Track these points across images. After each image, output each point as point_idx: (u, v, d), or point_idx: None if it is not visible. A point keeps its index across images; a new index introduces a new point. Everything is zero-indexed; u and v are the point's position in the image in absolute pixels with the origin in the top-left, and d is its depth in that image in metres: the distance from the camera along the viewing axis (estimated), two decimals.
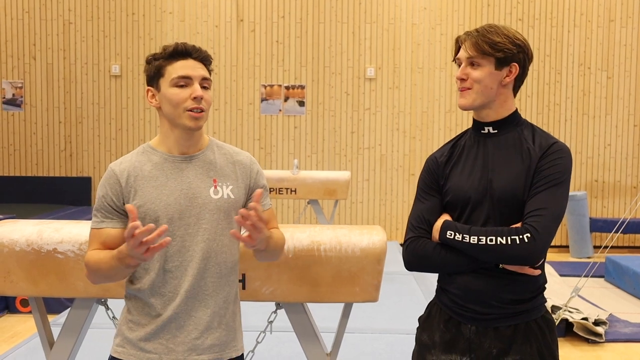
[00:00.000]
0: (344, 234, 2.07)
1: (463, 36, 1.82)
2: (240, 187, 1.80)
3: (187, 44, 1.76)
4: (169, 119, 1.75)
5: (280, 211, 7.86)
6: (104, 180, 1.76)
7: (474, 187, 1.79)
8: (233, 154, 1.85)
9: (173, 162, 1.76)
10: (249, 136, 7.87)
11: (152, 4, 7.79)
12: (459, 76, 1.80)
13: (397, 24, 7.77)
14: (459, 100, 1.83)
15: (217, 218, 1.76)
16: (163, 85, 1.74)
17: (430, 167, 1.91)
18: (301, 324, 2.16)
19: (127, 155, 1.81)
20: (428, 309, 1.94)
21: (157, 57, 1.75)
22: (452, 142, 1.93)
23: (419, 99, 7.81)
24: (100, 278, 1.75)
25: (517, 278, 1.77)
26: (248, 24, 7.81)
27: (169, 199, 1.72)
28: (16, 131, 7.94)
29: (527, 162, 1.77)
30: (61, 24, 7.81)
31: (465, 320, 1.80)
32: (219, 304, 1.77)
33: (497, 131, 1.82)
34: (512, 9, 7.71)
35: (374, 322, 4.21)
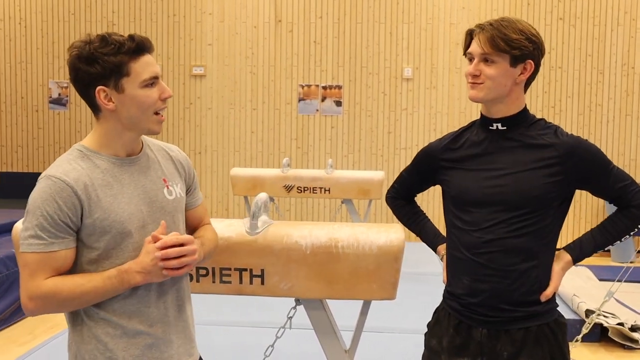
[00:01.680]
0: (361, 231, 2.09)
1: (477, 29, 1.76)
2: (183, 184, 1.74)
3: (142, 36, 1.58)
4: (128, 122, 1.57)
5: (315, 210, 7.90)
6: (50, 193, 1.49)
7: (482, 185, 1.78)
8: (167, 150, 1.75)
9: (121, 165, 1.59)
10: (286, 136, 7.93)
11: (192, 5, 7.93)
12: (472, 72, 1.75)
13: (435, 23, 7.72)
14: (470, 92, 1.78)
15: (175, 219, 1.68)
16: (129, 86, 1.54)
17: (429, 156, 1.94)
18: (320, 321, 2.18)
19: (65, 163, 1.55)
20: (436, 315, 1.94)
21: (110, 52, 1.52)
22: (455, 135, 1.91)
23: (456, 99, 7.74)
24: (68, 307, 1.53)
25: (527, 279, 1.76)
26: (286, 24, 7.88)
27: (129, 207, 1.56)
28: (61, 129, 8.19)
29: (545, 160, 1.74)
30: (105, 25, 8.02)
31: (476, 323, 1.79)
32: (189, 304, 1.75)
33: (506, 128, 1.79)
34: (553, 7, 7.58)
35: (396, 322, 4.20)
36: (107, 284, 1.51)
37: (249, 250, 2.06)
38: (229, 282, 2.08)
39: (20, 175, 8.17)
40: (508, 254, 1.73)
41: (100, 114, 1.60)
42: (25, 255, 1.49)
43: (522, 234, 1.73)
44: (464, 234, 1.80)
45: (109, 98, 1.56)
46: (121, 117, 1.58)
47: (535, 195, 1.72)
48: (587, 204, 7.59)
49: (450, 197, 1.84)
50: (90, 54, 1.54)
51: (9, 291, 4.55)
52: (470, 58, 1.78)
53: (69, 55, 1.58)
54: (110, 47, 1.53)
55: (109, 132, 1.60)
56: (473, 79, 1.76)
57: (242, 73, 7.93)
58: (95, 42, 1.55)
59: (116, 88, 1.55)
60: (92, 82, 1.55)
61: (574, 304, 4.62)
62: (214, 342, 3.95)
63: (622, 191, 1.76)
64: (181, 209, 1.72)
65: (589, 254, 1.82)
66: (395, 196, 2.13)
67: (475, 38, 1.76)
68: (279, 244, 2.05)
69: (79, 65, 1.55)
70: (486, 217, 1.75)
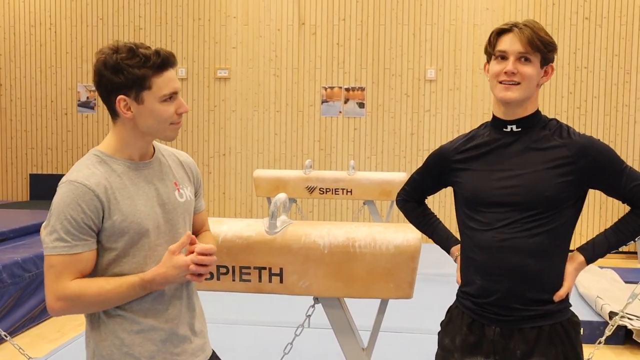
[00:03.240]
0: (378, 231, 2.12)
1: (514, 29, 1.76)
2: (192, 188, 1.81)
3: (168, 51, 1.63)
4: (145, 131, 1.64)
5: (338, 212, 7.93)
6: (73, 197, 1.55)
7: (495, 186, 1.79)
8: (177, 155, 1.81)
9: (136, 169, 1.66)
10: (310, 137, 7.98)
11: (217, 9, 8.03)
12: (511, 70, 1.74)
13: (459, 24, 7.70)
14: (506, 93, 1.76)
15: (187, 221, 1.75)
16: (149, 99, 1.60)
17: (441, 158, 1.96)
18: (338, 319, 2.22)
19: (84, 168, 1.61)
20: (449, 314, 1.95)
21: (135, 65, 1.58)
22: (467, 137, 1.92)
23: (479, 100, 7.71)
24: (92, 309, 1.61)
25: (541, 279, 1.77)
26: (309, 27, 7.93)
27: (146, 208, 1.63)
28: (89, 132, 8.35)
29: (557, 160, 1.75)
30: (132, 29, 8.17)
31: (489, 322, 1.81)
32: (197, 300, 1.82)
33: (520, 129, 1.81)
34: (579, 7, 7.51)
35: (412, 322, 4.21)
36: (130, 291, 1.58)
37: (268, 249, 2.10)
38: (249, 281, 2.13)
39: (49, 177, 8.35)
40: (521, 254, 1.74)
41: (118, 120, 1.66)
42: (51, 257, 1.55)
43: (536, 234, 1.74)
44: (477, 235, 1.81)
45: (128, 107, 1.61)
46: (138, 126, 1.64)
47: (548, 196, 1.72)
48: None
49: (464, 198, 1.85)
50: (117, 63, 1.58)
51: (38, 289, 4.67)
52: (501, 56, 1.77)
53: (96, 59, 1.64)
54: (137, 59, 1.58)
55: (124, 138, 1.66)
56: (510, 77, 1.75)
57: (266, 75, 8.00)
58: (122, 52, 1.59)
59: (136, 99, 1.61)
60: (114, 90, 1.61)
61: (597, 306, 4.58)
62: (234, 340, 4.00)
63: (636, 191, 1.77)
64: (191, 212, 1.79)
65: (602, 255, 1.82)
66: (407, 199, 2.13)
67: (512, 36, 1.75)
68: (297, 243, 2.10)
69: (104, 72, 1.60)
70: (499, 217, 1.76)
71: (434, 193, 2.10)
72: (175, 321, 1.70)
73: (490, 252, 1.77)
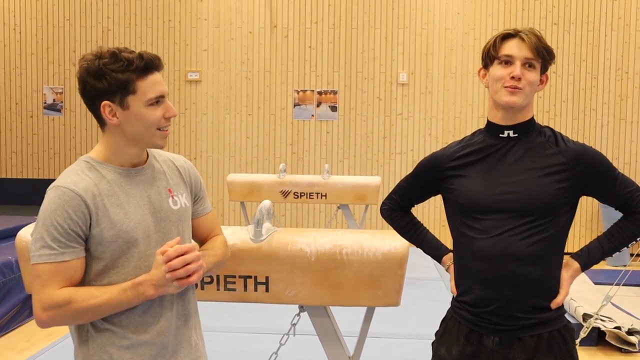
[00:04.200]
0: (365, 238, 2.09)
1: (520, 34, 1.76)
2: (189, 194, 1.76)
3: (152, 54, 1.59)
4: (133, 137, 1.60)
5: (311, 216, 7.90)
6: (60, 203, 1.50)
7: (493, 192, 1.77)
8: (172, 160, 1.76)
9: (127, 176, 1.62)
10: (282, 141, 7.94)
11: (187, 11, 7.93)
12: (517, 75, 1.73)
13: (430, 28, 7.75)
14: (510, 98, 1.75)
15: (180, 229, 1.69)
16: (134, 103, 1.56)
17: (434, 165, 1.93)
18: (324, 327, 2.19)
19: (73, 174, 1.57)
20: (444, 324, 1.93)
21: (118, 69, 1.54)
22: (460, 143, 1.90)
23: (451, 104, 7.77)
24: (82, 319, 1.54)
25: (539, 286, 1.76)
26: (281, 29, 7.89)
27: (136, 217, 1.58)
28: (56, 135, 8.16)
29: (554, 167, 1.75)
30: (100, 31, 8.02)
31: (487, 332, 1.79)
32: (196, 316, 1.75)
33: (517, 135, 1.80)
34: (547, 12, 7.63)
35: (399, 327, 4.21)
36: (121, 296, 1.52)
37: (253, 258, 2.06)
38: (234, 290, 2.08)
39: (14, 182, 8.13)
40: (520, 262, 1.73)
41: (106, 127, 1.62)
42: (37, 266, 1.50)
43: (535, 242, 1.73)
44: (474, 243, 1.79)
45: (113, 113, 1.58)
46: (125, 132, 1.60)
47: (546, 202, 1.72)
48: (582, 209, 7.62)
49: (458, 205, 1.83)
50: (99, 69, 1.55)
51: (6, 298, 4.53)
52: (506, 61, 1.76)
53: (79, 66, 1.60)
54: (119, 63, 1.55)
55: (113, 145, 1.63)
56: (516, 82, 1.74)
57: (238, 78, 7.94)
58: (105, 57, 1.56)
59: (121, 104, 1.57)
60: (98, 96, 1.57)
61: (571, 308, 4.64)
62: (217, 348, 3.94)
63: (628, 197, 1.79)
64: (187, 219, 1.73)
65: (597, 261, 1.83)
66: (394, 207, 2.08)
67: (519, 41, 1.75)
68: (283, 251, 2.06)
69: (87, 78, 1.57)
70: (497, 224, 1.75)
71: (422, 201, 2.07)
72: (166, 334, 1.64)
73: (489, 261, 1.75)
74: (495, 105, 1.80)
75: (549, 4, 7.63)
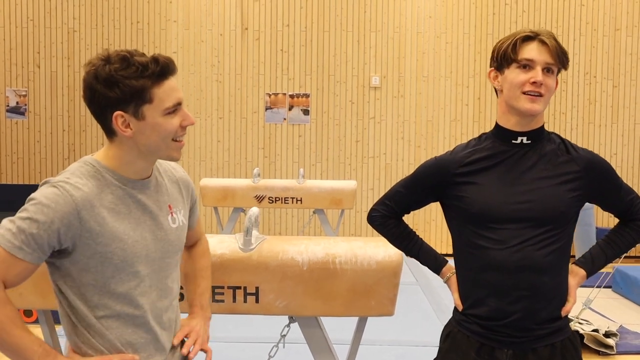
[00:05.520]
0: (359, 246, 2.03)
1: (540, 37, 1.69)
2: (187, 209, 1.66)
3: (167, 57, 1.47)
4: (147, 149, 1.47)
5: (285, 220, 7.82)
6: (51, 201, 1.38)
7: (509, 201, 1.70)
8: (172, 171, 1.65)
9: (132, 188, 1.49)
10: (253, 145, 7.83)
11: (156, 13, 7.78)
12: (540, 80, 1.66)
13: (402, 32, 7.75)
14: (532, 105, 1.68)
15: (178, 249, 1.59)
16: (150, 113, 1.43)
17: (439, 170, 1.82)
18: (315, 338, 2.11)
19: (76, 176, 1.44)
20: (449, 339, 1.82)
21: (132, 76, 1.41)
22: (468, 148, 1.81)
23: (424, 107, 7.78)
24: None
25: (554, 296, 1.72)
26: (253, 32, 7.80)
27: (135, 234, 1.46)
28: (19, 139, 7.91)
29: (567, 175, 1.72)
30: (65, 32, 7.80)
31: (501, 345, 1.72)
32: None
33: (530, 141, 1.74)
34: (518, 17, 7.69)
35: (383, 334, 4.15)
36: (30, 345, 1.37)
37: (242, 268, 1.98)
38: (222, 301, 2.00)
39: None
40: (537, 273, 1.69)
41: (115, 138, 1.48)
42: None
43: (550, 252, 1.69)
44: (488, 253, 1.72)
45: (126, 124, 1.44)
46: (138, 144, 1.47)
47: (562, 211, 1.69)
48: None
49: (470, 214, 1.74)
50: (110, 75, 1.41)
51: None
52: (525, 65, 1.69)
53: (85, 72, 1.45)
54: (133, 69, 1.41)
55: (123, 157, 1.49)
56: (537, 88, 1.67)
57: (208, 81, 7.81)
58: (115, 62, 1.42)
59: (135, 115, 1.43)
60: (109, 106, 1.43)
61: None
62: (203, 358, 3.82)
63: (630, 204, 1.78)
64: (183, 238, 1.62)
65: (600, 267, 1.81)
66: (388, 215, 1.95)
67: (539, 45, 1.68)
68: (274, 260, 1.98)
69: (96, 86, 1.42)
70: (514, 234, 1.69)
71: (419, 208, 1.97)
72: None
73: (506, 272, 1.69)
74: (510, 110, 1.73)
75: (519, 9, 7.70)
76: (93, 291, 1.46)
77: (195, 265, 1.77)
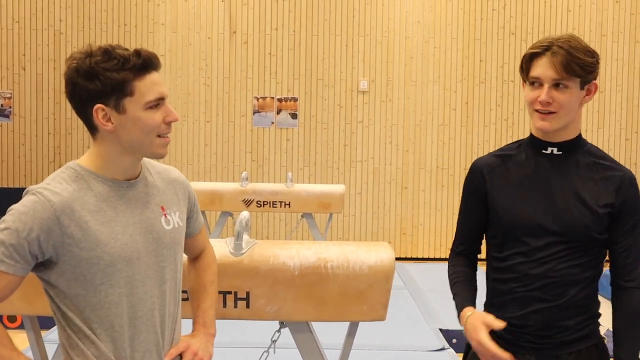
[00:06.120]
0: (351, 250, 2.02)
1: (546, 52, 1.63)
2: (183, 211, 1.62)
3: (150, 52, 1.46)
4: (129, 145, 1.44)
5: (273, 225, 7.79)
6: (28, 208, 1.34)
7: (538, 213, 1.67)
8: (166, 172, 1.62)
9: (118, 190, 1.45)
10: (241, 148, 7.80)
11: (144, 15, 7.73)
12: (545, 99, 1.62)
13: (391, 37, 7.76)
14: (543, 123, 1.65)
15: (174, 252, 1.55)
16: (131, 106, 1.41)
17: (475, 175, 1.79)
18: (306, 343, 2.10)
19: (56, 182, 1.40)
20: (471, 347, 1.79)
21: (113, 68, 1.39)
22: (502, 155, 1.78)
23: (412, 112, 7.79)
24: None
25: (579, 307, 1.69)
26: (241, 35, 7.77)
27: (123, 237, 1.42)
28: (4, 142, 7.82)
29: (600, 191, 1.66)
30: (52, 34, 7.73)
31: (523, 350, 1.71)
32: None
33: (561, 153, 1.70)
34: (505, 22, 7.74)
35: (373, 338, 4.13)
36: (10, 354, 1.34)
37: (233, 272, 1.96)
38: None
39: None
40: (563, 286, 1.67)
41: (98, 134, 1.46)
42: None
43: (577, 264, 1.66)
44: (515, 263, 1.71)
45: (107, 118, 1.42)
46: (121, 140, 1.44)
47: (591, 227, 1.65)
48: None
49: (500, 224, 1.73)
50: (91, 68, 1.40)
51: None
52: (535, 82, 1.65)
53: (66, 67, 1.44)
54: (114, 62, 1.40)
55: (106, 154, 1.46)
56: (545, 107, 1.63)
57: (196, 85, 7.77)
58: (96, 55, 1.41)
59: (116, 108, 1.42)
60: (90, 99, 1.41)
61: None
62: None
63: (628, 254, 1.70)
64: (180, 240, 1.58)
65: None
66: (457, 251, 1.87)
67: (544, 61, 1.62)
68: (265, 264, 1.96)
69: (77, 79, 1.41)
70: (541, 247, 1.67)
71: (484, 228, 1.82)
72: None
73: (532, 283, 1.68)
74: None
75: (506, 15, 7.74)
76: (85, 302, 1.42)
77: (199, 280, 1.73)
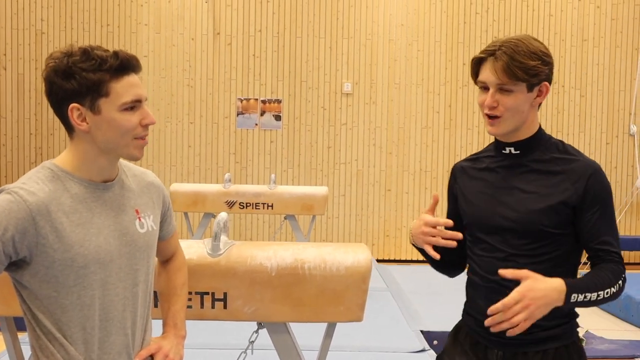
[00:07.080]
0: (328, 252, 2.02)
1: (490, 57, 1.64)
2: (157, 215, 1.62)
3: (129, 53, 1.48)
4: (105, 146, 1.45)
5: (256, 226, 7.78)
6: (4, 208, 1.34)
7: (495, 211, 1.71)
8: (142, 175, 1.64)
9: (94, 191, 1.46)
10: (225, 150, 7.79)
11: (127, 16, 7.69)
12: (489, 104, 1.63)
13: (374, 39, 7.79)
14: (490, 128, 1.68)
15: (147, 255, 1.55)
16: (106, 107, 1.42)
17: (452, 175, 1.89)
18: (284, 344, 2.10)
19: (32, 181, 1.41)
20: (454, 332, 1.86)
21: (89, 68, 1.41)
22: (474, 157, 1.84)
23: (395, 114, 7.82)
24: None
25: None
26: (225, 37, 7.76)
27: (98, 239, 1.42)
28: None
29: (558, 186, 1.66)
30: (33, 34, 7.67)
31: (492, 345, 1.73)
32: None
33: (519, 152, 1.72)
34: (488, 26, 7.80)
35: (353, 340, 4.14)
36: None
37: (210, 273, 1.95)
38: (189, 307, 1.95)
39: None
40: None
41: (74, 134, 1.47)
42: None
43: (538, 262, 1.67)
44: (478, 259, 1.76)
45: (82, 118, 1.44)
46: (96, 140, 1.45)
47: (546, 224, 1.65)
48: None
49: (466, 222, 1.79)
50: (68, 67, 1.41)
51: None
52: (483, 87, 1.67)
53: (45, 65, 1.46)
54: (91, 62, 1.42)
55: (82, 154, 1.47)
56: (491, 110, 1.64)
57: (179, 86, 7.75)
58: (75, 55, 1.43)
59: (92, 108, 1.43)
60: (65, 98, 1.43)
61: None
62: None
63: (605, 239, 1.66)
64: (153, 244, 1.59)
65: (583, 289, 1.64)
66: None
67: (488, 66, 1.64)
68: (242, 265, 1.96)
69: (55, 78, 1.43)
70: (499, 245, 1.70)
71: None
72: None
73: (493, 279, 1.70)
74: None
75: (489, 19, 7.80)
76: (56, 304, 1.42)
77: (169, 283, 1.73)
